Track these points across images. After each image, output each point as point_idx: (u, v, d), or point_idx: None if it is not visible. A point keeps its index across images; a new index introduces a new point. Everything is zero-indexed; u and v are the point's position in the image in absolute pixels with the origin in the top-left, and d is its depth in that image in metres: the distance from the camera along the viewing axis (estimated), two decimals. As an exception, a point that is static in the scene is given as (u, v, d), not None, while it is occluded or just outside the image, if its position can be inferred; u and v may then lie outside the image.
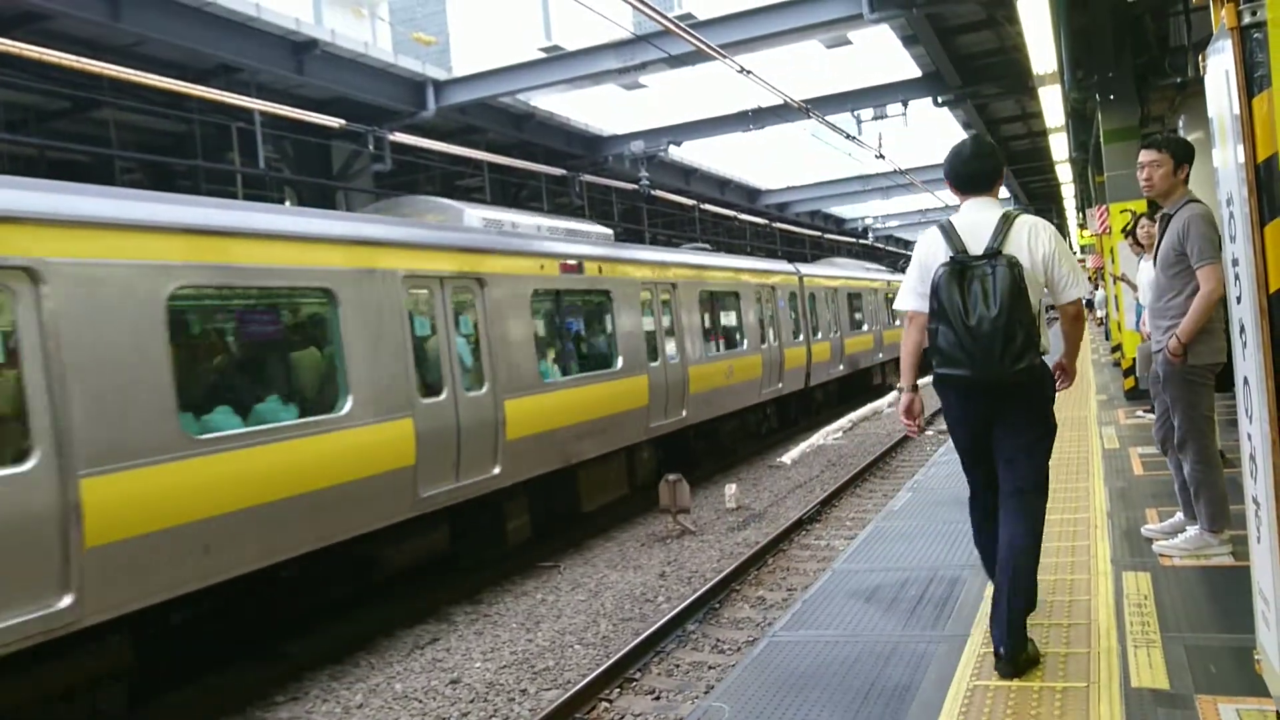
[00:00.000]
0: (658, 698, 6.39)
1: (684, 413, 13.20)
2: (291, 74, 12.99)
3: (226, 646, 7.71)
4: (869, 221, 42.33)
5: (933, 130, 42.42)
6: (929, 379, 3.95)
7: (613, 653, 7.09)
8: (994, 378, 3.62)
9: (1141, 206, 10.67)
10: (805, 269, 20.26)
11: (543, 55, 16.38)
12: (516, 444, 9.26)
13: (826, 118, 17.84)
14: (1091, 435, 9.37)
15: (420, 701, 6.68)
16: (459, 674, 7.12)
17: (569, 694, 6.21)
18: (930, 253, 3.83)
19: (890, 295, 24.38)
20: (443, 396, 8.43)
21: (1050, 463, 3.82)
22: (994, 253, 3.66)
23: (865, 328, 24.13)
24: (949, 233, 3.79)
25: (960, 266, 3.67)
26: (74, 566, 5.28)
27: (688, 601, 7.99)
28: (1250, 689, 3.24)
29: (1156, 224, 5.18)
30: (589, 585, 9.25)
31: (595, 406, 10.84)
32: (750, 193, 29.60)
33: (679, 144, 20.51)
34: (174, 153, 13.56)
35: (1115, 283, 13.36)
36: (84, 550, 5.32)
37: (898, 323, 24.80)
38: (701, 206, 23.48)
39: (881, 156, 19.92)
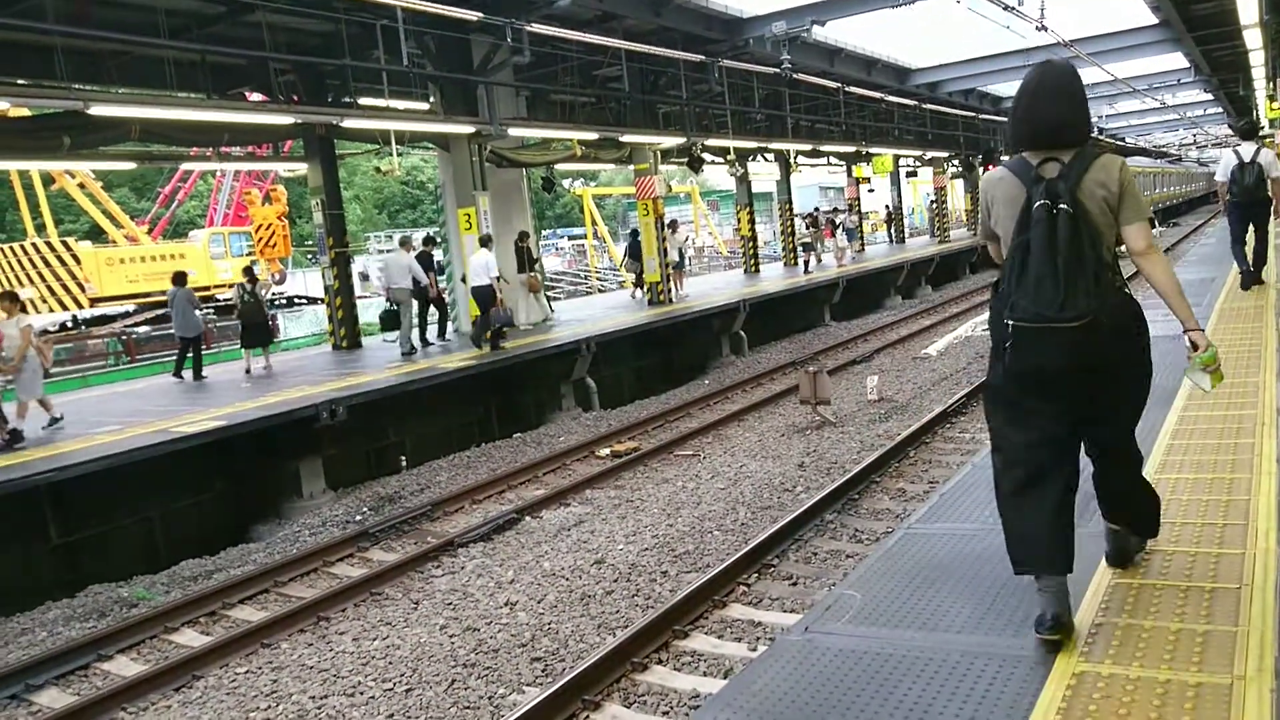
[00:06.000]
0: (794, 583, 6.53)
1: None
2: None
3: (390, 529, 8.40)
4: (1029, 99, 39.82)
5: (1103, -4, 38.91)
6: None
7: (751, 539, 7.25)
8: (1251, 201, 9.63)
9: (1342, 73, 9.64)
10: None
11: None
12: None
13: (983, -13, 16.65)
14: (1267, 326, 8.71)
15: (567, 579, 7.05)
16: (603, 555, 7.45)
17: (708, 576, 6.42)
18: (1229, 159, 9.65)
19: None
20: None
21: (1219, 354, 3.68)
22: (1253, 161, 9.47)
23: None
24: (1238, 152, 9.56)
25: (1241, 165, 9.51)
26: None
27: (826, 491, 8.04)
28: None
29: None
30: (728, 474, 9.42)
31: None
32: (899, 72, 28.09)
33: (823, 24, 19.50)
34: (322, 53, 13.92)
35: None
36: None
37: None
38: (846, 89, 22.51)
39: (1044, 28, 18.46)
